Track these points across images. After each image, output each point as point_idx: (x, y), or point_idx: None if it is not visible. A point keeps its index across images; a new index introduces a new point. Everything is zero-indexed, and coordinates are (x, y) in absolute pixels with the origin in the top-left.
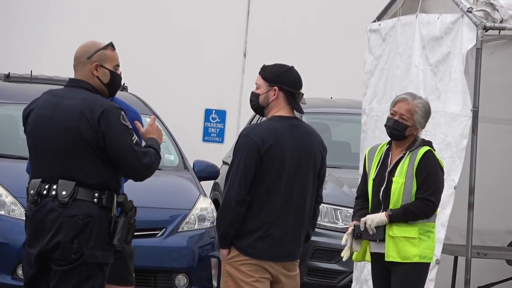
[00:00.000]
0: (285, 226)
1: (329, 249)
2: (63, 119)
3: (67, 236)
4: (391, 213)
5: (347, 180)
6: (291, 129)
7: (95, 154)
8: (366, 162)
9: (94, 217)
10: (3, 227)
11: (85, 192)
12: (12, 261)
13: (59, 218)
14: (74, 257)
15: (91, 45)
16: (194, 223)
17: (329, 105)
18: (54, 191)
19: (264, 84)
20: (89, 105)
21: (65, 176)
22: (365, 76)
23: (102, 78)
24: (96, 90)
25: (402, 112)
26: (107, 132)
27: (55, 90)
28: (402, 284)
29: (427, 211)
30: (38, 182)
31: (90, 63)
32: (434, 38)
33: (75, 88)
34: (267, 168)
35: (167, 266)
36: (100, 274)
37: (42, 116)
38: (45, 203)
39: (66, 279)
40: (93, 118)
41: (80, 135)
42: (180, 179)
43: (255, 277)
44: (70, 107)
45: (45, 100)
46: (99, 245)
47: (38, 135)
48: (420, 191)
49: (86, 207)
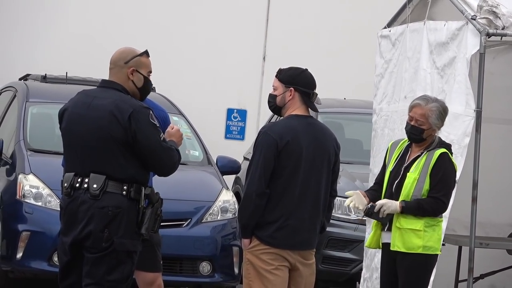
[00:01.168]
0: (301, 217)
1: (342, 238)
2: (95, 118)
3: (98, 226)
4: (404, 205)
5: (359, 175)
6: (306, 127)
7: (124, 150)
8: (387, 155)
9: (123, 208)
10: (40, 217)
11: (115, 185)
12: (48, 249)
13: (90, 209)
14: (104, 245)
15: (129, 51)
16: (217, 214)
17: (343, 105)
18: (86, 184)
19: (281, 85)
20: (119, 105)
21: (96, 170)
22: (376, 78)
23: (136, 82)
24: (127, 91)
25: (417, 117)
26: (138, 130)
27: (89, 91)
28: (407, 274)
29: (437, 210)
30: (71, 176)
31: (127, 67)
32: (441, 44)
33: (107, 89)
34: (285, 163)
35: (192, 254)
36: (129, 261)
37: (75, 114)
38: (77, 195)
39: (97, 265)
40: (123, 117)
41: (110, 133)
42: (204, 173)
43: (275, 265)
44: (101, 107)
45: (78, 99)
46: (128, 234)
47: (71, 132)
48: (434, 191)
49: (115, 199)
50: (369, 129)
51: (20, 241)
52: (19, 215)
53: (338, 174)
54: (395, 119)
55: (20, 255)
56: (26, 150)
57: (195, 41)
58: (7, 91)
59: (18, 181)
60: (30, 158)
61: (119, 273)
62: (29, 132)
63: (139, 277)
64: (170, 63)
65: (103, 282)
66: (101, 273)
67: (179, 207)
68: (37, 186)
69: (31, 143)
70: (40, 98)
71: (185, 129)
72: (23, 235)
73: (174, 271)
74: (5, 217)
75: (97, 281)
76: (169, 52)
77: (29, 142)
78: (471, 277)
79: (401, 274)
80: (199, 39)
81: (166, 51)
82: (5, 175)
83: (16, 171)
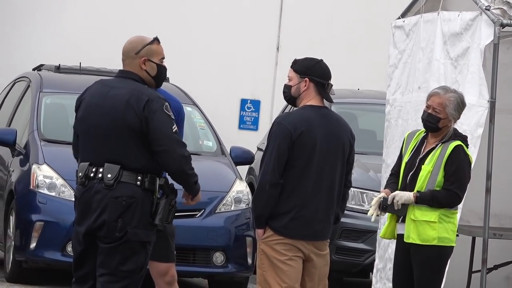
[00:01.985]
0: (315, 208)
1: (356, 229)
2: (111, 107)
3: (111, 215)
4: (418, 195)
5: (373, 165)
6: (321, 117)
7: (139, 140)
8: (403, 145)
9: (137, 198)
10: (54, 207)
11: (129, 175)
12: (62, 239)
13: (104, 199)
14: (118, 235)
15: (138, 41)
16: (231, 204)
17: (356, 96)
18: (100, 173)
19: (296, 76)
20: (136, 94)
21: (111, 160)
22: (390, 69)
23: (150, 71)
24: (143, 81)
25: (435, 105)
26: (150, 118)
27: (106, 80)
28: (422, 266)
29: (452, 202)
30: (86, 165)
31: (138, 58)
32: (455, 34)
33: (124, 79)
34: (299, 154)
35: (205, 244)
36: (143, 251)
37: (92, 104)
38: (92, 184)
39: (111, 255)
40: (138, 106)
41: (126, 122)
42: (217, 163)
43: (289, 256)
44: (118, 96)
45: (96, 89)
46: (141, 225)
47: (88, 122)
48: (448, 183)
49: (129, 189)
50: (383, 120)
51: (33, 231)
52: (32, 205)
53: (352, 165)
54: (408, 110)
55: (34, 245)
56: (40, 141)
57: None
58: (20, 82)
59: (32, 171)
60: (43, 148)
61: (133, 263)
62: (43, 122)
63: (153, 267)
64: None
65: (117, 272)
66: (115, 263)
67: None
68: (51, 176)
69: (44, 133)
70: (54, 89)
71: (198, 119)
72: (37, 225)
73: (187, 262)
74: (18, 207)
75: (111, 271)
76: (183, 42)
77: (43, 132)
78: (484, 268)
79: (416, 266)
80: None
81: (180, 41)
82: (19, 165)
83: (29, 161)
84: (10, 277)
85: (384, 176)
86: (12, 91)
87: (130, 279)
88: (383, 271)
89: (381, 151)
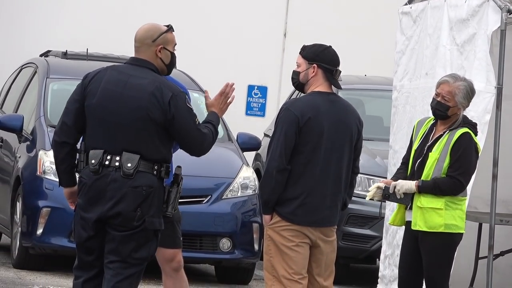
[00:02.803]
0: (323, 194)
1: (362, 215)
2: (134, 97)
3: (130, 205)
4: (421, 184)
5: (380, 151)
6: (329, 103)
7: (161, 132)
8: (413, 133)
9: (154, 188)
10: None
11: (146, 165)
12: (68, 225)
13: (122, 188)
14: (136, 224)
15: (155, 29)
16: (238, 190)
17: (363, 82)
18: (117, 162)
19: (304, 62)
20: (160, 87)
21: (130, 149)
22: (397, 55)
23: (164, 59)
24: (158, 70)
25: (444, 93)
26: (176, 114)
27: (120, 67)
28: (430, 253)
29: (454, 189)
30: (100, 153)
31: (154, 45)
32: (461, 20)
33: (141, 68)
34: (306, 140)
35: (212, 230)
36: (155, 239)
37: (110, 91)
38: (107, 172)
39: (125, 243)
40: (164, 101)
41: (150, 114)
42: (224, 150)
43: (296, 242)
44: (140, 86)
45: (111, 76)
46: (157, 213)
47: (104, 109)
48: (451, 169)
49: (148, 178)
50: (390, 106)
51: (40, 217)
52: (39, 192)
53: (360, 152)
54: (416, 96)
55: (40, 231)
56: (47, 126)
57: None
58: (27, 68)
59: (39, 157)
60: (50, 134)
61: (146, 251)
62: (50, 108)
63: (159, 253)
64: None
65: (130, 259)
66: (128, 251)
67: (199, 183)
68: None
69: (51, 119)
70: (61, 75)
71: None
72: (44, 211)
73: (194, 248)
74: (25, 193)
75: (123, 258)
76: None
77: (50, 118)
78: (491, 254)
79: (424, 253)
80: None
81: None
82: (26, 151)
83: (36, 147)
84: (17, 263)
85: (391, 163)
86: (19, 77)
87: (141, 266)
88: (391, 257)
89: (388, 137)
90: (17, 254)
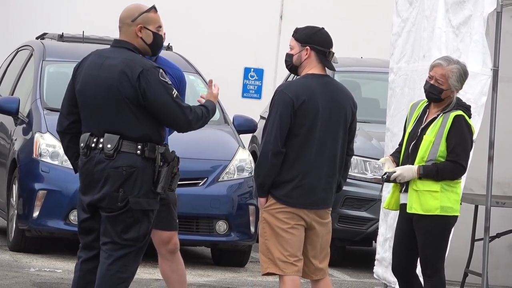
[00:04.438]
0: (318, 176)
1: (358, 197)
2: (106, 78)
3: (113, 186)
4: (422, 172)
5: (376, 134)
6: (323, 86)
7: (136, 109)
8: (407, 116)
9: (137, 167)
10: (57, 176)
11: (129, 145)
12: (65, 208)
13: (105, 169)
14: (120, 205)
15: (135, 8)
16: (234, 173)
17: (359, 64)
18: (101, 144)
19: (297, 44)
20: (130, 64)
21: (110, 130)
22: (393, 37)
23: (145, 39)
24: (138, 50)
25: (438, 77)
26: (148, 89)
27: (101, 51)
28: (425, 236)
29: (457, 174)
30: (87, 136)
31: (134, 25)
32: (457, 2)
33: (119, 48)
34: (301, 122)
35: (208, 213)
36: (146, 220)
37: (89, 76)
38: (93, 155)
39: (113, 224)
40: (133, 77)
41: (121, 92)
42: (220, 132)
43: (291, 224)
44: (112, 67)
45: (92, 60)
46: (143, 193)
47: (86, 93)
48: (452, 155)
49: (129, 158)
50: (386, 88)
51: (36, 200)
52: (35, 174)
53: (354, 134)
54: (415, 78)
55: (37, 213)
56: (43, 109)
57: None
58: (23, 50)
59: (35, 140)
60: (46, 117)
61: (135, 231)
62: (46, 91)
63: (155, 235)
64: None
65: (120, 240)
66: (117, 232)
67: (195, 166)
68: (54, 145)
69: (47, 102)
70: (57, 57)
71: (201, 88)
72: (40, 194)
73: (190, 230)
74: (21, 176)
75: (113, 239)
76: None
77: (46, 101)
78: (487, 236)
79: (420, 235)
80: None
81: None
82: (22, 134)
83: (32, 130)
84: (13, 246)
85: (389, 145)
86: (15, 59)
87: (133, 247)
88: (391, 240)
89: (384, 119)
90: (13, 237)
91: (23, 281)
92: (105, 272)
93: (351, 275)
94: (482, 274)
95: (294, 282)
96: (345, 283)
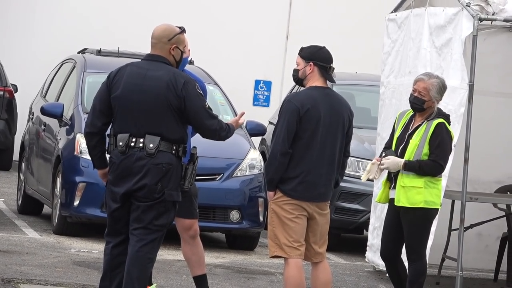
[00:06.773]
0: (319, 173)
1: (352, 192)
2: (153, 87)
3: (153, 179)
4: (408, 162)
5: (368, 138)
6: (324, 96)
7: (177, 115)
8: (395, 123)
9: (173, 165)
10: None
11: (166, 145)
12: (101, 198)
13: (146, 165)
14: (157, 196)
15: (171, 29)
16: (246, 170)
17: (354, 78)
18: (141, 143)
19: (302, 61)
20: (174, 76)
21: (152, 132)
22: (384, 55)
23: (175, 56)
24: (170, 64)
25: (420, 89)
26: (188, 98)
27: (138, 63)
28: (410, 226)
29: (436, 172)
30: (126, 136)
31: (169, 44)
32: (439, 27)
33: (156, 62)
34: (305, 127)
35: (223, 203)
36: (173, 209)
37: (131, 84)
38: (132, 152)
39: (147, 212)
40: (177, 87)
41: (167, 100)
42: (235, 135)
43: (295, 214)
44: (158, 77)
45: (131, 71)
46: (175, 187)
47: (128, 99)
48: (433, 155)
49: (167, 157)
50: (377, 99)
51: (77, 190)
52: (76, 169)
53: (351, 138)
54: (401, 91)
55: (77, 202)
56: (83, 113)
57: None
58: (67, 63)
59: (76, 139)
60: None
61: (165, 219)
62: (86, 98)
63: (179, 223)
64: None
65: (151, 226)
66: (149, 219)
67: (213, 163)
68: None
69: (87, 107)
70: (96, 69)
71: (219, 97)
72: (80, 185)
73: (208, 218)
74: (64, 170)
75: (145, 225)
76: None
77: (86, 106)
78: (462, 227)
79: (406, 225)
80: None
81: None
82: (65, 134)
83: (74, 131)
84: (56, 230)
85: (379, 148)
86: (60, 70)
87: (161, 232)
88: (379, 229)
89: (375, 125)
90: (56, 222)
91: (64, 260)
92: (135, 254)
93: (345, 259)
94: (458, 259)
95: (297, 264)
96: (340, 265)
